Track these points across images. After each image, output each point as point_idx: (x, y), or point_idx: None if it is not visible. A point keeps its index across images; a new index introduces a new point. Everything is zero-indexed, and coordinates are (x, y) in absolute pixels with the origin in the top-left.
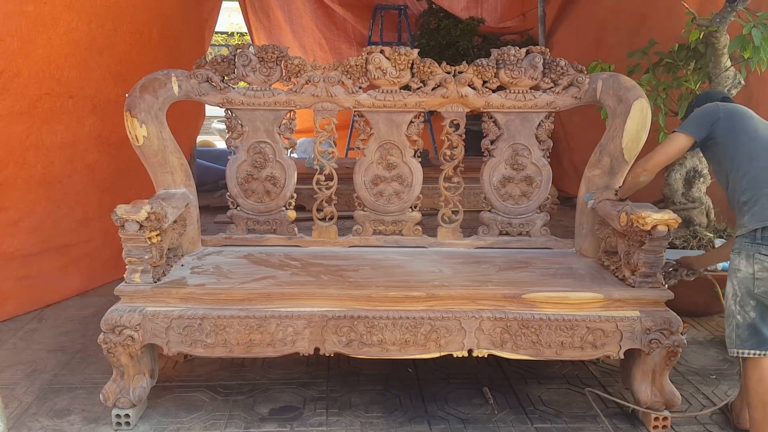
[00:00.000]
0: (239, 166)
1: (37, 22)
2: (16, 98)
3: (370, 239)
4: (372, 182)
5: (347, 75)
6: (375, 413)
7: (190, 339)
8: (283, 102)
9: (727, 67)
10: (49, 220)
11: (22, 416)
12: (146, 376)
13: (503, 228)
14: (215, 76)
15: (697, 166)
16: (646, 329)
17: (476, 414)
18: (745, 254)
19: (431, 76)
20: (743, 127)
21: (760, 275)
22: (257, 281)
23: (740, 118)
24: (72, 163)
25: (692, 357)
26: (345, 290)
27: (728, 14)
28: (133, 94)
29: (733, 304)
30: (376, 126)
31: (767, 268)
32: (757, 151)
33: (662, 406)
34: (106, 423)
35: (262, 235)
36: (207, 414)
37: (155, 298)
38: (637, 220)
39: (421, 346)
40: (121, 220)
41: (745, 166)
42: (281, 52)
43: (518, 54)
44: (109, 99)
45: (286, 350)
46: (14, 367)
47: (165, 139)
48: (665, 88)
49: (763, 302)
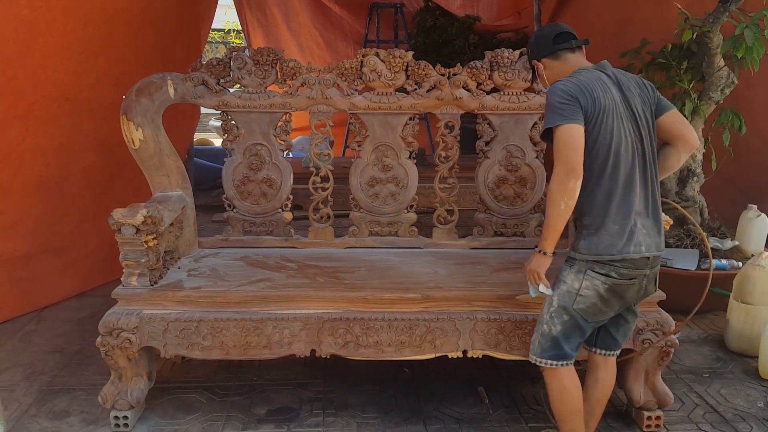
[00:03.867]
0: (235, 168)
1: (33, 26)
2: (12, 101)
3: (366, 240)
4: (368, 184)
5: (342, 77)
6: (371, 413)
7: (187, 342)
8: (278, 104)
9: (720, 67)
10: (46, 222)
11: (21, 418)
12: (144, 378)
13: (498, 229)
14: (211, 79)
15: (691, 165)
16: (639, 329)
17: (471, 414)
18: (576, 268)
19: (426, 79)
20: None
21: (584, 292)
22: (253, 284)
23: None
24: (68, 166)
25: (685, 355)
26: (341, 292)
27: (721, 14)
28: (129, 97)
29: (546, 313)
30: (371, 128)
31: (595, 287)
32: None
33: (655, 406)
34: (104, 425)
35: (259, 236)
36: (204, 415)
37: (152, 301)
38: None
39: (416, 347)
40: (117, 224)
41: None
42: (276, 54)
43: (512, 56)
44: (105, 102)
45: (282, 352)
46: (13, 369)
47: (161, 143)
48: (658, 88)
49: (577, 319)
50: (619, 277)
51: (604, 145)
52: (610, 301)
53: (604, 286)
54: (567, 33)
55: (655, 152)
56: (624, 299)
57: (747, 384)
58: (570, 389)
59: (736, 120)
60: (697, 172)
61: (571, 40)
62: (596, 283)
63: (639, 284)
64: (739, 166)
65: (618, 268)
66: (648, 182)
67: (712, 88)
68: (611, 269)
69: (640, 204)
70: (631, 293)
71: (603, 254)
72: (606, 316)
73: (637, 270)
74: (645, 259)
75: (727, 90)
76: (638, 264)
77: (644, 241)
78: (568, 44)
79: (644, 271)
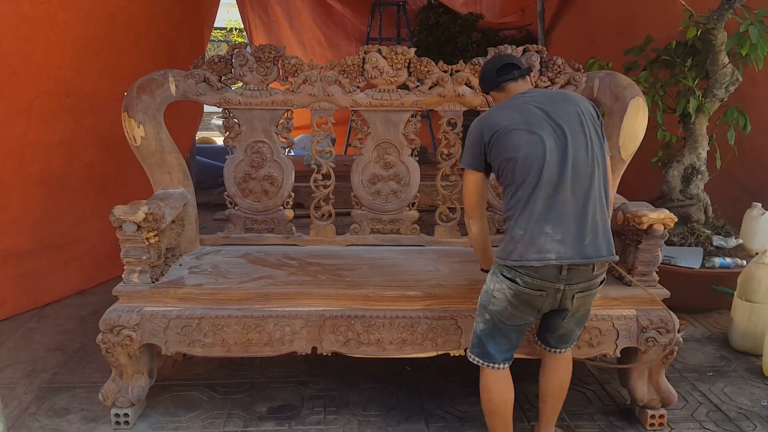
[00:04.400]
0: (237, 166)
1: (34, 22)
2: (14, 97)
3: (367, 238)
4: (369, 181)
5: (344, 74)
6: (373, 411)
7: (188, 339)
8: (280, 102)
9: (725, 64)
10: (47, 218)
11: (21, 415)
12: (145, 376)
13: (500, 226)
14: (212, 76)
15: (695, 163)
16: (643, 328)
17: (473, 412)
18: (492, 270)
19: (428, 75)
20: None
21: (496, 294)
22: (255, 281)
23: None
24: (70, 162)
25: (689, 354)
26: (342, 290)
27: (726, 11)
28: (131, 94)
29: (478, 308)
30: (373, 125)
31: (503, 291)
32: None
33: (659, 404)
34: (105, 422)
35: (260, 234)
36: (205, 413)
37: (153, 298)
38: (633, 219)
39: (418, 345)
40: (118, 221)
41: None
42: (278, 51)
43: (515, 53)
44: (107, 98)
45: (283, 350)
46: (13, 367)
47: (162, 140)
48: (663, 85)
49: (495, 320)
50: (523, 285)
51: (510, 158)
52: (519, 307)
53: (509, 291)
54: (509, 65)
55: (596, 161)
56: (534, 308)
57: (751, 383)
58: (492, 392)
59: (741, 118)
60: (702, 170)
61: (513, 71)
62: (503, 287)
63: (553, 297)
64: (743, 164)
65: (522, 275)
66: (580, 190)
67: (717, 86)
68: (516, 275)
69: (560, 210)
70: (544, 305)
71: (507, 259)
72: (523, 320)
73: (544, 281)
74: (555, 270)
75: (732, 87)
76: (543, 274)
77: (553, 249)
78: (510, 75)
79: (556, 284)
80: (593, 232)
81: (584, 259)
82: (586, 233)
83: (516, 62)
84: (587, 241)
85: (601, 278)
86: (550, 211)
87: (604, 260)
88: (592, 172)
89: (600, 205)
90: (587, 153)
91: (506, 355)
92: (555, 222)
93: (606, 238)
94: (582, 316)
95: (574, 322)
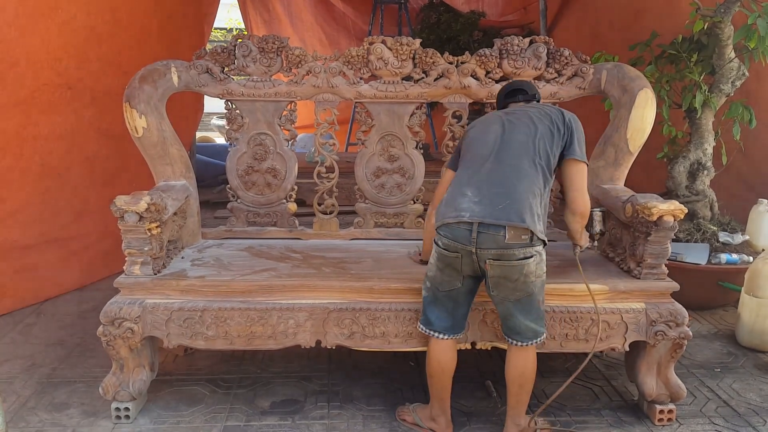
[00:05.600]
0: (239, 158)
1: (35, 12)
2: (14, 88)
3: (371, 232)
4: (374, 174)
5: (348, 66)
6: (377, 406)
7: (190, 331)
8: (283, 93)
9: (731, 59)
10: (48, 211)
11: (20, 410)
12: (146, 369)
13: None
14: (215, 66)
15: (701, 158)
16: (652, 321)
17: (479, 407)
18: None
19: (433, 67)
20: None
21: (431, 260)
22: (258, 273)
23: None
24: (70, 155)
25: (696, 350)
26: (347, 282)
27: (733, 4)
28: (132, 84)
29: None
30: (377, 117)
31: (434, 256)
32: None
33: (668, 399)
34: (105, 417)
35: (263, 227)
36: (207, 407)
37: (155, 290)
38: (642, 210)
39: (424, 338)
40: (120, 211)
41: None
42: (282, 42)
43: (522, 44)
44: (108, 90)
45: (287, 342)
46: (13, 361)
47: (164, 131)
48: (669, 80)
49: (431, 286)
50: (443, 246)
51: (467, 149)
52: (445, 270)
53: (435, 255)
54: (519, 90)
55: (537, 150)
56: (456, 271)
57: (759, 378)
58: (432, 358)
59: (747, 113)
60: (708, 166)
61: (519, 95)
62: (434, 252)
63: (469, 260)
64: (749, 160)
65: (441, 237)
66: (508, 161)
67: (723, 81)
68: (438, 238)
69: (483, 177)
70: (463, 266)
71: (437, 221)
72: (451, 285)
73: (458, 243)
74: (466, 229)
75: (738, 82)
76: (456, 234)
77: (469, 208)
78: (514, 99)
79: (468, 246)
80: (511, 200)
81: (494, 219)
82: (503, 199)
83: (526, 88)
84: (502, 206)
85: (521, 253)
86: (474, 176)
87: (512, 225)
88: (527, 153)
89: (530, 187)
90: (527, 137)
91: (445, 324)
92: (476, 186)
93: (522, 208)
94: (522, 301)
95: (515, 307)
